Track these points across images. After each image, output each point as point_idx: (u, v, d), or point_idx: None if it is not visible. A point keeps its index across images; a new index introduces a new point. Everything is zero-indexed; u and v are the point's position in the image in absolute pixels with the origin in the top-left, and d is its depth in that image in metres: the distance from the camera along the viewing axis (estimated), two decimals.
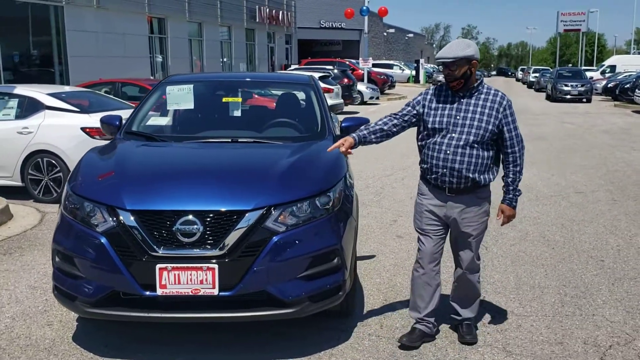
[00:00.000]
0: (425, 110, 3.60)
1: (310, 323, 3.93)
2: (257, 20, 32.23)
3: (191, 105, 4.91)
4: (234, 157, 4.10)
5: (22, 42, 18.03)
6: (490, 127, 3.49)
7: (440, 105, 3.58)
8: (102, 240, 3.33)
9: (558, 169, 10.10)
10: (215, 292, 3.30)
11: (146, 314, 3.34)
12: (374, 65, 41.77)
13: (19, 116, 7.85)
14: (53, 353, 3.60)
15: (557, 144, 13.31)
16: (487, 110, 3.51)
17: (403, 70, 45.53)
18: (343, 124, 4.70)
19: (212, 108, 5.05)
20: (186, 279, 3.28)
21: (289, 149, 4.13)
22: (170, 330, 3.85)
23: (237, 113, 4.91)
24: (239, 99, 4.93)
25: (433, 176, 3.59)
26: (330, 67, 23.93)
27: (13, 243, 5.90)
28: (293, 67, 27.68)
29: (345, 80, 21.99)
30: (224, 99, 4.95)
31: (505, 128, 3.54)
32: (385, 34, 60.84)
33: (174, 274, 3.27)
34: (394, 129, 3.66)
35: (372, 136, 3.63)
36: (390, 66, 44.81)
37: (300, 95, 5.15)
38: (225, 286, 3.31)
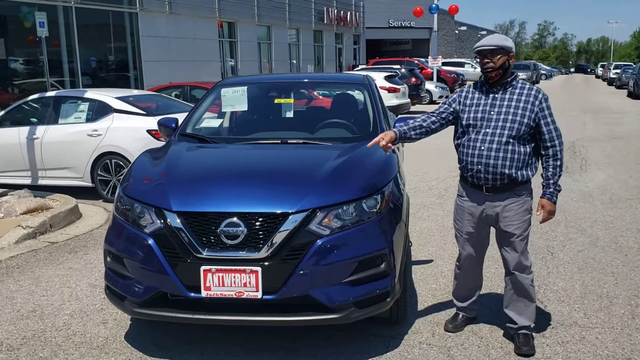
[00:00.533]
0: (461, 107, 3.62)
1: (360, 328, 3.85)
2: (325, 21, 32.30)
3: (245, 107, 4.94)
4: (281, 159, 4.06)
5: (100, 47, 18.83)
6: (525, 120, 3.44)
7: (475, 101, 3.57)
8: (149, 242, 3.37)
9: (637, 170, 9.51)
10: (259, 295, 3.26)
11: (191, 316, 3.34)
12: (444, 64, 40.97)
13: (90, 119, 8.16)
14: (104, 351, 3.68)
15: (637, 144, 12.55)
16: (522, 104, 3.46)
17: (475, 68, 44.42)
18: (396, 124, 4.58)
19: (266, 109, 5.05)
20: (230, 282, 3.26)
21: (338, 150, 4.05)
22: (219, 333, 3.85)
23: (290, 114, 4.88)
24: (291, 100, 4.90)
25: (469, 174, 3.57)
26: (398, 66, 23.63)
27: (79, 242, 6.12)
28: (360, 67, 27.56)
29: (413, 79, 21.67)
30: (276, 100, 4.94)
31: (542, 122, 3.48)
32: (456, 31, 59.69)
33: (218, 276, 3.26)
34: (433, 126, 3.67)
35: (412, 132, 3.66)
36: (461, 64, 43.86)
37: (354, 95, 5.07)
38: (269, 289, 3.27)
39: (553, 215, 3.57)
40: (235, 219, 3.28)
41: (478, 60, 3.52)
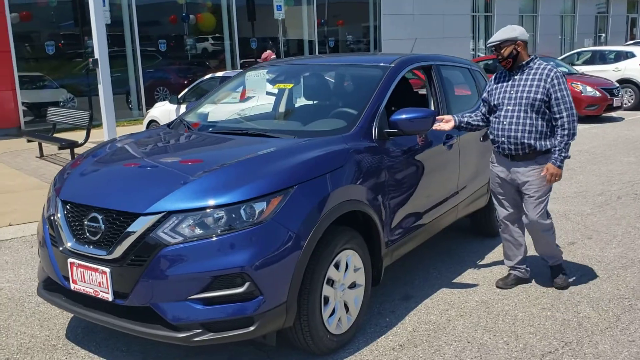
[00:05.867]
0: (489, 93, 4.17)
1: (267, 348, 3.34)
2: None
3: (264, 92, 4.62)
4: (193, 153, 3.68)
5: (342, 26, 19.59)
6: (539, 96, 3.89)
7: (499, 85, 4.12)
8: (44, 227, 3.42)
9: None
10: (110, 297, 3.04)
11: (69, 306, 3.28)
12: None
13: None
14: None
15: None
16: (535, 82, 3.92)
17: None
18: (391, 118, 3.78)
19: (277, 95, 4.62)
20: (89, 278, 3.10)
21: (272, 145, 3.48)
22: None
23: (300, 101, 4.39)
24: (289, 85, 4.38)
25: (496, 145, 4.13)
26: None
27: None
28: (632, 41, 23.40)
29: None
30: (275, 86, 4.48)
31: (553, 96, 3.87)
32: None
33: (80, 271, 3.13)
34: (484, 118, 4.24)
35: (470, 120, 4.22)
36: None
37: (363, 81, 4.29)
38: (120, 294, 3.02)
39: (558, 179, 3.95)
40: (95, 214, 3.10)
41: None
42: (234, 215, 2.94)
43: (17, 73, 12.96)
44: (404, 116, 3.75)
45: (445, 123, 4.14)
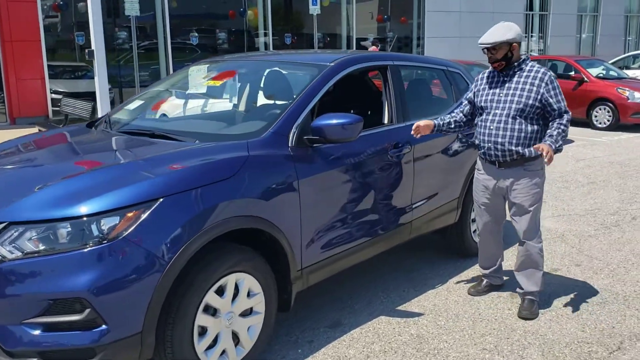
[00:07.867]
0: (475, 93, 3.90)
1: None
2: None
3: (204, 89, 4.24)
4: (69, 157, 3.33)
5: (387, 22, 19.01)
6: (530, 101, 3.64)
7: (487, 86, 3.83)
8: None
9: None
10: None
11: None
12: None
13: None
14: None
15: None
16: (527, 86, 3.66)
17: None
18: (312, 123, 3.33)
19: (212, 93, 4.22)
20: None
21: (156, 151, 3.09)
22: None
23: (235, 100, 3.99)
24: (218, 83, 3.97)
25: (482, 151, 3.85)
26: None
27: None
28: None
29: None
30: (206, 83, 4.07)
31: (552, 100, 3.62)
32: None
33: None
34: (464, 119, 3.98)
35: (451, 123, 3.95)
36: None
37: (296, 81, 3.82)
38: None
39: (549, 157, 3.42)
40: None
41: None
42: (81, 231, 2.57)
43: (47, 62, 13.12)
44: (324, 122, 3.29)
45: (425, 127, 3.84)
